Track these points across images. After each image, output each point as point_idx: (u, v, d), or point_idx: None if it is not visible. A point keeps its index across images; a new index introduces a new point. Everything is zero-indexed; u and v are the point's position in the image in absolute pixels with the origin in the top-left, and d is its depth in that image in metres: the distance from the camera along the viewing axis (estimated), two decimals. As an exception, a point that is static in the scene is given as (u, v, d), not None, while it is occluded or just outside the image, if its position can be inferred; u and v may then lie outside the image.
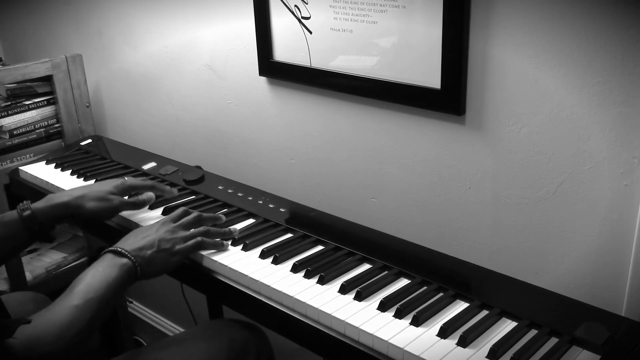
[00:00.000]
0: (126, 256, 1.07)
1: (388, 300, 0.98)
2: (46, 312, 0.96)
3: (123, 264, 1.06)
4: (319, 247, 1.18)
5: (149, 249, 1.09)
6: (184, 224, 1.18)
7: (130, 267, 1.06)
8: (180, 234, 1.15)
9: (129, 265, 1.06)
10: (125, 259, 1.06)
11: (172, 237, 1.13)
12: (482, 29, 1.14)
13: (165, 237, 1.13)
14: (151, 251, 1.09)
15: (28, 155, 1.90)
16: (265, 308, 1.05)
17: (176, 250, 1.12)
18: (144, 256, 1.08)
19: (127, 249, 1.08)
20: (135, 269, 1.07)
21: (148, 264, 1.08)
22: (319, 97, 1.47)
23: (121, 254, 1.07)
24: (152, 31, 1.82)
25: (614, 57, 1.00)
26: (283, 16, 1.44)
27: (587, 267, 1.13)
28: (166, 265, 1.11)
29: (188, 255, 1.15)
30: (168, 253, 1.11)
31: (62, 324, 0.95)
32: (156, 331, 2.28)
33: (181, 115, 1.84)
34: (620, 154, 1.04)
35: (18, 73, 1.84)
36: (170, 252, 1.12)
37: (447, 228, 1.32)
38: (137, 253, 1.08)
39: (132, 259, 1.07)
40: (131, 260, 1.06)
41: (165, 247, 1.11)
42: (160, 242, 1.11)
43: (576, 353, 0.89)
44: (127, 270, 1.06)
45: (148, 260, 1.08)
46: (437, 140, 1.28)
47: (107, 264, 1.05)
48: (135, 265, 1.07)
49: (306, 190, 1.57)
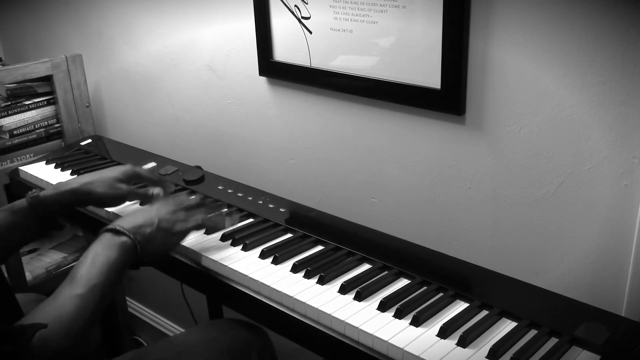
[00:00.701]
0: (125, 234, 1.03)
1: (388, 301, 0.98)
2: (49, 306, 0.92)
3: (122, 242, 1.03)
4: (319, 247, 1.18)
5: (148, 227, 1.07)
6: (185, 205, 1.16)
7: (130, 245, 1.03)
8: (180, 215, 1.13)
9: (128, 244, 1.03)
10: (124, 237, 1.03)
11: (172, 217, 1.11)
12: (482, 29, 1.14)
13: (165, 217, 1.10)
14: (151, 229, 1.07)
15: (28, 155, 1.90)
16: (265, 308, 1.05)
17: (176, 229, 1.11)
18: (144, 234, 1.05)
19: (126, 227, 1.04)
20: (135, 247, 1.04)
21: (148, 241, 1.05)
22: (319, 97, 1.47)
23: (120, 232, 1.03)
24: (152, 31, 1.82)
25: (614, 57, 1.00)
26: (283, 16, 1.44)
27: (587, 267, 1.13)
28: (165, 244, 1.09)
29: (188, 234, 1.13)
30: (168, 232, 1.09)
31: (68, 318, 0.91)
32: (156, 331, 2.28)
33: (181, 115, 1.84)
34: (620, 154, 1.04)
35: (18, 73, 1.84)
36: (170, 231, 1.10)
37: (447, 228, 1.32)
38: (137, 230, 1.05)
39: (131, 236, 1.03)
40: (130, 238, 1.03)
41: (165, 226, 1.09)
42: (161, 221, 1.09)
43: (576, 353, 0.89)
44: (127, 249, 1.03)
45: (147, 238, 1.05)
46: (437, 140, 1.28)
47: (106, 244, 1.02)
48: (135, 243, 1.04)
49: (306, 190, 1.57)
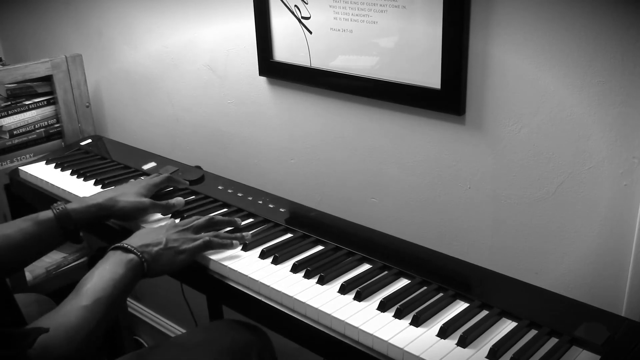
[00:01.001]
0: (132, 252, 1.06)
1: (388, 301, 0.98)
2: (54, 315, 0.94)
3: (129, 259, 1.05)
4: (319, 247, 1.18)
5: (155, 246, 1.10)
6: (194, 226, 1.18)
7: (137, 262, 1.06)
8: (189, 235, 1.15)
9: (135, 261, 1.06)
10: (132, 255, 1.06)
11: (180, 237, 1.14)
12: (482, 29, 1.14)
13: (172, 237, 1.13)
14: (158, 248, 1.09)
15: (28, 155, 1.90)
16: (265, 308, 1.05)
17: (183, 249, 1.12)
18: (151, 252, 1.08)
19: (134, 245, 1.08)
20: (142, 265, 1.07)
21: (154, 260, 1.08)
22: (319, 97, 1.47)
23: (127, 250, 1.07)
24: (152, 31, 1.82)
25: (614, 57, 1.00)
26: (283, 16, 1.44)
27: (587, 267, 1.13)
28: (172, 263, 1.11)
29: (195, 255, 1.15)
30: (175, 251, 1.11)
31: (71, 326, 0.93)
32: (156, 331, 2.28)
33: (181, 115, 1.84)
34: (620, 154, 1.04)
35: (18, 73, 1.84)
36: (177, 250, 1.12)
37: (447, 228, 1.32)
38: (144, 249, 1.08)
39: (139, 254, 1.06)
40: (137, 256, 1.06)
41: (172, 245, 1.11)
42: (168, 240, 1.12)
43: (576, 353, 0.89)
44: (134, 267, 1.05)
45: (154, 257, 1.08)
46: (437, 140, 1.28)
47: (113, 261, 1.05)
48: (142, 261, 1.06)
49: (306, 190, 1.57)
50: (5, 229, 1.16)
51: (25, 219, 1.19)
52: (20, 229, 1.16)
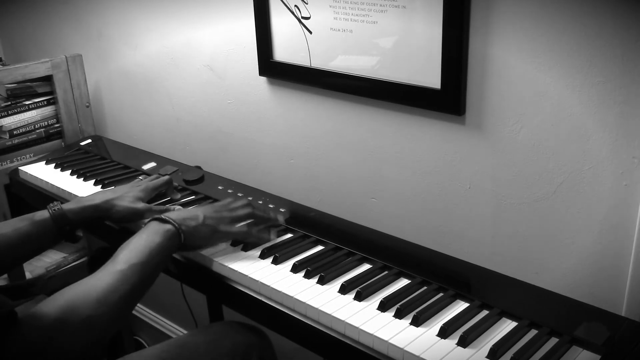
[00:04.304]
0: (170, 222, 1.08)
1: (388, 300, 0.98)
2: (89, 278, 0.96)
3: (167, 229, 1.07)
4: (319, 247, 1.18)
5: (193, 220, 1.12)
6: (230, 207, 1.20)
7: (174, 232, 1.08)
8: (225, 215, 1.17)
9: (172, 231, 1.07)
10: (169, 225, 1.08)
11: (217, 216, 1.16)
12: (482, 29, 1.14)
13: (210, 215, 1.15)
14: (195, 222, 1.11)
15: (28, 155, 1.90)
16: (266, 308, 1.05)
17: (220, 229, 1.14)
18: (188, 225, 1.10)
19: (172, 217, 1.10)
20: (179, 235, 1.08)
21: (191, 233, 1.10)
22: (319, 97, 1.47)
23: (165, 221, 1.08)
24: (152, 31, 1.82)
25: (614, 57, 1.00)
26: (283, 16, 1.44)
27: (587, 267, 1.13)
28: (208, 239, 1.13)
29: (230, 238, 1.17)
30: (212, 229, 1.13)
31: (104, 288, 0.94)
32: (156, 331, 2.28)
33: (181, 115, 1.84)
34: (620, 154, 1.04)
35: (18, 73, 1.84)
36: (214, 228, 1.13)
37: (447, 228, 1.32)
38: (182, 222, 1.10)
39: (176, 225, 1.08)
40: (175, 227, 1.08)
41: (209, 223, 1.13)
42: (206, 218, 1.14)
43: (576, 353, 0.89)
44: (171, 236, 1.07)
45: (192, 230, 1.10)
46: (437, 140, 1.28)
47: (150, 230, 1.07)
48: (179, 232, 1.08)
49: (306, 190, 1.57)
50: (1, 228, 1.17)
51: (21, 218, 1.20)
52: (16, 229, 1.17)
